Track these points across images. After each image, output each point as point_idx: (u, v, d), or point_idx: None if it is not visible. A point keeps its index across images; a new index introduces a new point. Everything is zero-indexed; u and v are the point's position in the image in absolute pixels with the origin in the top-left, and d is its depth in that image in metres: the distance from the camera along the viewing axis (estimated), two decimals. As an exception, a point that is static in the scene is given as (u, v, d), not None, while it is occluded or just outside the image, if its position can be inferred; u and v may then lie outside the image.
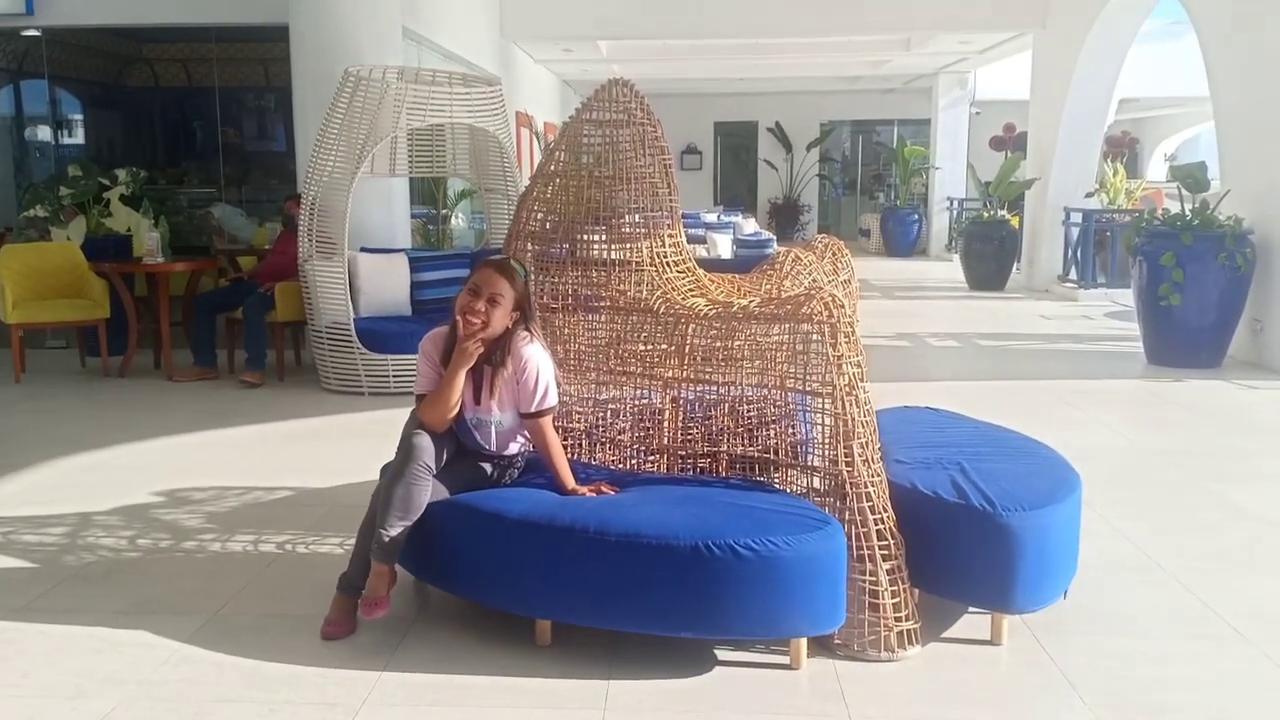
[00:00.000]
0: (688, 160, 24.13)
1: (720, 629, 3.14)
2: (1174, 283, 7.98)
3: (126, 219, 8.83)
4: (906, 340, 9.70)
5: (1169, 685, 3.09)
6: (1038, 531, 3.26)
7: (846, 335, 3.33)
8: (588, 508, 3.24)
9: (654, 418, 3.88)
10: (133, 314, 7.89)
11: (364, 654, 3.29)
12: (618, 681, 3.09)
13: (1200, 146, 22.65)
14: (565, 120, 4.04)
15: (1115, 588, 3.81)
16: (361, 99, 7.08)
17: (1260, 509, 4.70)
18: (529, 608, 3.31)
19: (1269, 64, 8.17)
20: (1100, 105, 12.89)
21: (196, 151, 12.93)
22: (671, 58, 17.40)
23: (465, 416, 3.53)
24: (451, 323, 3.49)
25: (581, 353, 3.99)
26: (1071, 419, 6.50)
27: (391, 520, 3.32)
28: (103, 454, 5.72)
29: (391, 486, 3.34)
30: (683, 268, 3.90)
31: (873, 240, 20.49)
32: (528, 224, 3.99)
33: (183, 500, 4.86)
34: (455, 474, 3.51)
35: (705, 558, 3.02)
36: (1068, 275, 13.11)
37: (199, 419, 6.47)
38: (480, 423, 3.54)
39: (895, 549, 3.29)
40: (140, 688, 3.08)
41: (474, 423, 3.55)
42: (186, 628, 3.48)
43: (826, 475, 3.39)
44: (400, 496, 3.32)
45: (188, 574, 3.98)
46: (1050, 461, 3.76)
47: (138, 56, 12.64)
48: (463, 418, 3.52)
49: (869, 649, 3.23)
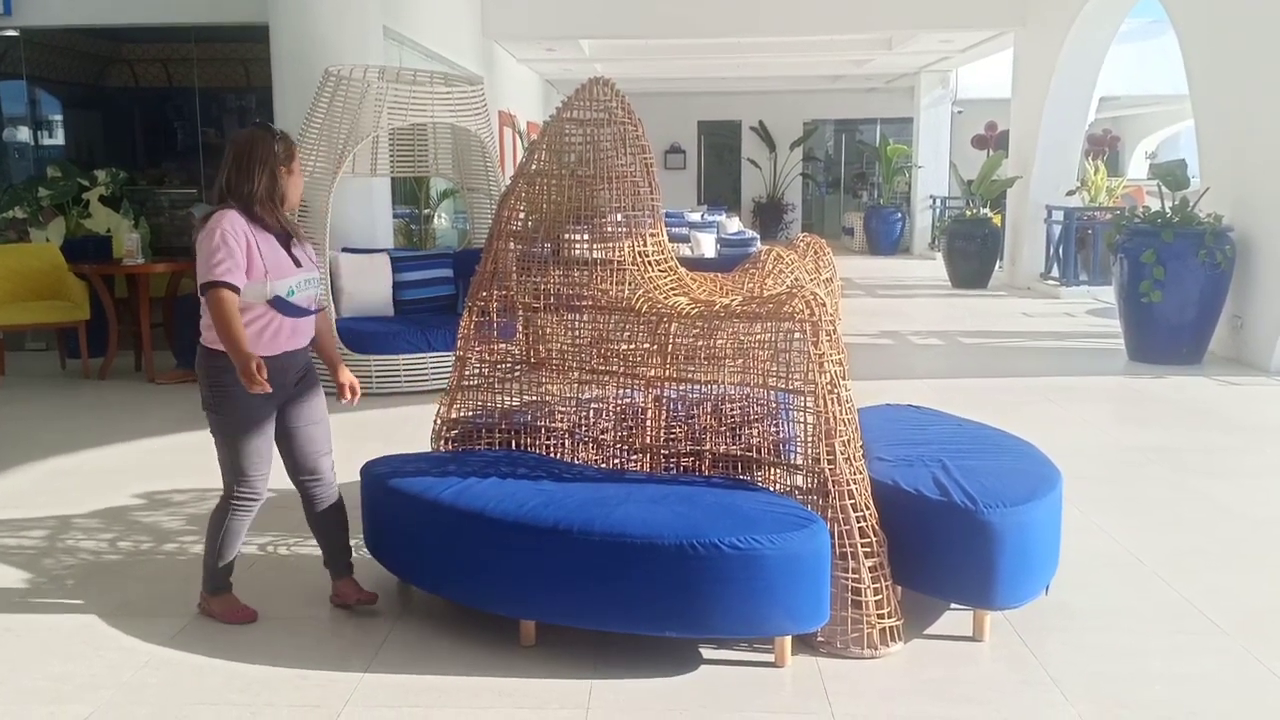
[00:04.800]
0: (671, 159, 24.14)
1: (705, 628, 3.14)
2: (1155, 280, 8.03)
3: (106, 220, 8.77)
4: (889, 338, 9.73)
5: (1151, 680, 3.11)
6: (1019, 528, 3.27)
7: (828, 333, 3.34)
8: (571, 507, 3.24)
9: (637, 417, 3.87)
10: (113, 315, 7.84)
11: (345, 655, 3.27)
12: (602, 681, 3.09)
13: (1181, 144, 22.79)
14: (546, 119, 4.02)
15: (1097, 583, 3.83)
16: (342, 99, 7.05)
17: (1240, 505, 4.73)
18: (513, 608, 3.30)
19: (1247, 62, 8.23)
20: (1081, 103, 12.96)
21: (177, 152, 12.84)
22: (654, 57, 17.40)
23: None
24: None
25: (564, 352, 3.98)
26: (1053, 416, 6.52)
27: None
28: (83, 456, 5.68)
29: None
30: (665, 267, 3.90)
31: (856, 239, 20.54)
32: (509, 223, 3.98)
33: (163, 502, 4.83)
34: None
35: (690, 556, 3.02)
36: (1049, 273, 13.17)
37: (180, 421, 6.43)
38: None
39: (878, 546, 3.30)
40: (120, 691, 3.06)
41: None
42: (167, 630, 3.46)
43: (809, 473, 3.39)
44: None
45: (168, 576, 3.95)
46: (1031, 458, 3.78)
47: (117, 57, 12.55)
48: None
49: (852, 646, 3.24)
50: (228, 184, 3.43)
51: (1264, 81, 7.99)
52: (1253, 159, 8.16)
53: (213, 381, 3.39)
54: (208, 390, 3.42)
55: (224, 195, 3.43)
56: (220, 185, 3.46)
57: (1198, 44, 8.99)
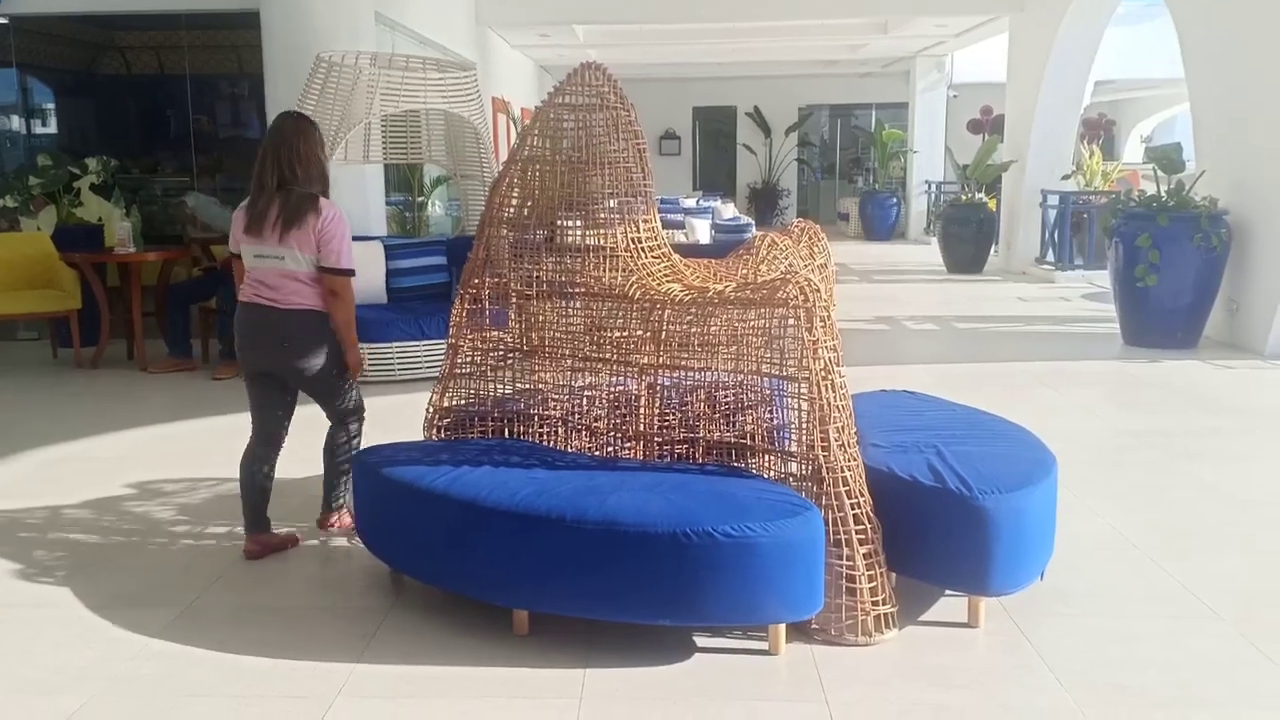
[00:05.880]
0: (666, 145, 24.05)
1: (698, 616, 3.12)
2: (1150, 264, 8.01)
3: (98, 208, 8.71)
4: (884, 324, 9.71)
5: (1146, 665, 3.10)
6: (1014, 513, 3.26)
7: (822, 320, 3.32)
8: (564, 495, 3.22)
9: (630, 404, 3.85)
10: (104, 304, 7.79)
11: (338, 645, 3.26)
12: (595, 670, 3.07)
13: (1176, 128, 22.75)
14: (537, 104, 3.99)
15: (1092, 568, 3.82)
16: (334, 85, 7.01)
17: (1235, 489, 4.73)
18: (505, 597, 3.29)
19: (1243, 45, 8.19)
20: (1076, 87, 12.91)
21: (170, 140, 12.77)
22: (648, 42, 17.32)
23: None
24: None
25: (557, 339, 3.96)
26: (1048, 401, 6.51)
27: None
28: (75, 446, 5.65)
29: None
30: (658, 253, 3.88)
31: (851, 224, 20.50)
32: (501, 210, 3.95)
33: (155, 492, 4.80)
34: None
35: (684, 545, 3.00)
36: (1045, 257, 13.15)
37: (172, 410, 6.41)
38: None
39: (872, 533, 3.28)
40: (111, 683, 3.05)
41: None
42: (158, 621, 3.44)
43: (803, 460, 3.37)
44: None
45: (160, 567, 3.94)
46: (1026, 443, 3.76)
47: (109, 44, 12.48)
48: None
49: (846, 634, 3.23)
50: (305, 174, 3.87)
51: (1260, 64, 7.96)
52: (1249, 142, 8.13)
53: (330, 341, 3.95)
54: (328, 347, 3.94)
55: (287, 182, 3.84)
56: (285, 173, 3.85)
57: (1193, 27, 8.95)
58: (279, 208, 3.81)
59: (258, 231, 3.84)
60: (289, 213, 3.81)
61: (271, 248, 3.84)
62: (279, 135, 3.88)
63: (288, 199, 3.82)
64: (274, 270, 3.85)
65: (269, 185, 3.84)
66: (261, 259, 3.87)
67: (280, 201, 3.82)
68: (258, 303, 3.89)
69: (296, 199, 3.82)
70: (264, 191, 3.85)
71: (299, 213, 3.81)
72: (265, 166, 3.85)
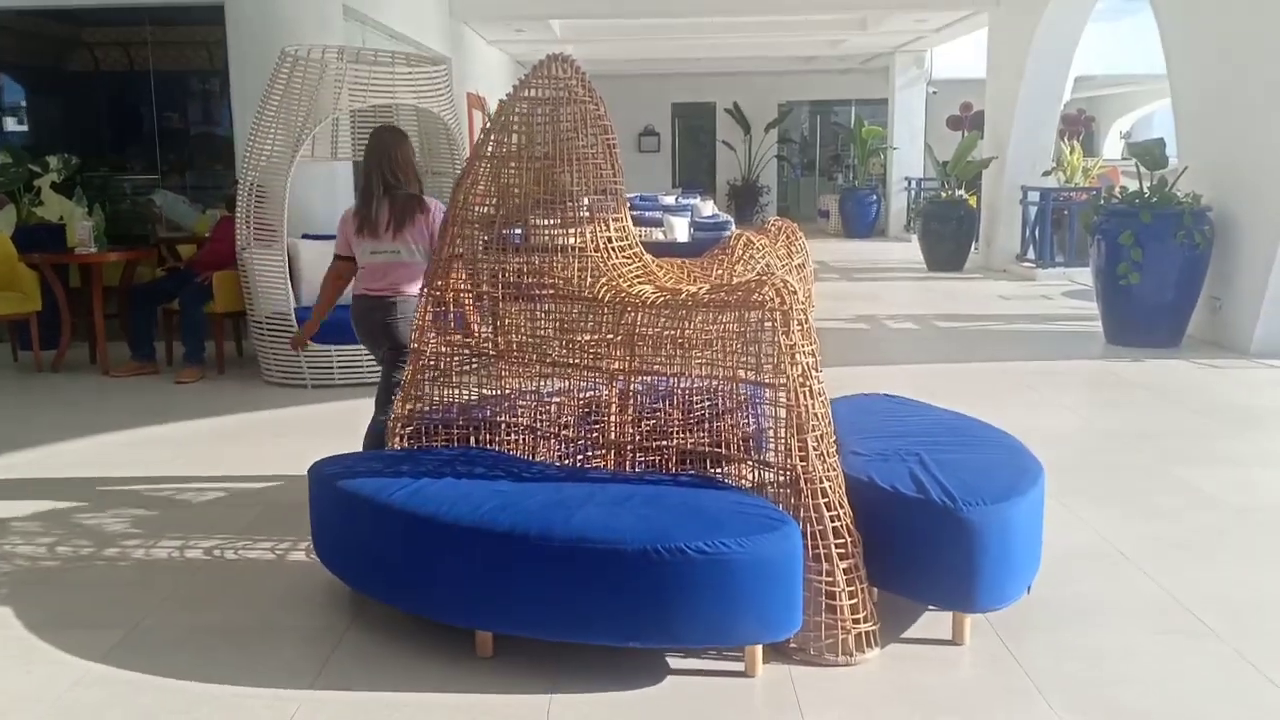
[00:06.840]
0: (646, 142, 23.91)
1: (671, 637, 2.97)
2: (1132, 261, 7.91)
3: (59, 207, 8.50)
4: (864, 323, 9.59)
5: (1136, 683, 2.97)
6: (1000, 526, 3.12)
7: (800, 323, 3.16)
8: (530, 510, 3.05)
9: (601, 411, 3.70)
10: (65, 306, 7.58)
11: (291, 670, 3.08)
12: (562, 696, 2.91)
13: (1154, 124, 22.77)
14: (502, 98, 3.83)
15: (1079, 580, 3.69)
16: (299, 79, 6.82)
17: (1222, 493, 4.61)
18: (468, 618, 3.12)
19: (1225, 40, 8.10)
20: (1056, 83, 12.83)
21: (138, 137, 12.53)
22: (626, 37, 17.16)
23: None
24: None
25: (524, 344, 3.79)
26: (1031, 402, 6.39)
27: None
28: (29, 454, 5.45)
29: None
30: (629, 253, 3.72)
31: (831, 221, 20.40)
32: (464, 208, 3.78)
33: (109, 503, 4.62)
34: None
35: (654, 563, 2.84)
36: (1026, 255, 13.07)
37: (133, 415, 6.20)
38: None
39: (852, 547, 3.14)
40: (51, 709, 2.87)
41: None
42: (103, 643, 3.26)
43: (780, 469, 3.23)
44: None
45: (108, 584, 3.75)
46: (1012, 450, 3.63)
47: (77, 40, 12.23)
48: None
49: (826, 653, 3.08)
50: (405, 177, 4.38)
51: (1242, 58, 7.87)
52: (1231, 137, 8.04)
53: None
54: (408, 330, 4.18)
55: (392, 187, 4.34)
56: (389, 179, 4.34)
57: (1175, 21, 8.85)
58: (389, 209, 4.31)
59: (373, 232, 4.33)
60: (399, 213, 4.31)
61: (387, 244, 4.33)
62: (381, 146, 4.38)
63: (394, 201, 4.32)
64: (387, 263, 4.34)
65: (376, 191, 4.33)
66: (377, 254, 4.35)
67: (389, 204, 4.31)
68: (368, 294, 4.38)
69: (403, 200, 4.33)
70: (373, 197, 4.33)
71: (409, 211, 4.33)
72: (371, 175, 4.35)
